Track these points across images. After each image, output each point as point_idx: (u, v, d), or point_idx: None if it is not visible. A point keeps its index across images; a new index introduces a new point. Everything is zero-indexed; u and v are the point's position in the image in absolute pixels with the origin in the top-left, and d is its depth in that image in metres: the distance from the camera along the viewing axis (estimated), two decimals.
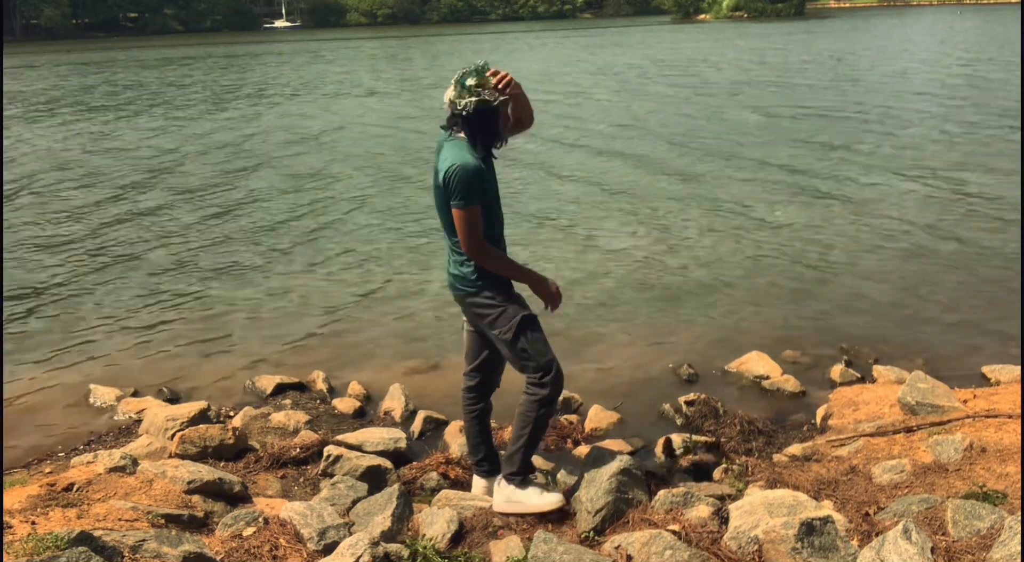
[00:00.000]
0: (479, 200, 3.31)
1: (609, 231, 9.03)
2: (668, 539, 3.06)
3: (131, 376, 5.72)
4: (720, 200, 10.20)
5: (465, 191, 3.26)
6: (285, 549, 3.23)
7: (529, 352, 3.45)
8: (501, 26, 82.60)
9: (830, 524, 3.07)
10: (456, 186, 3.26)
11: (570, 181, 11.59)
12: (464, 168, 3.25)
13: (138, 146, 15.92)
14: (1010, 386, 4.79)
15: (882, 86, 21.60)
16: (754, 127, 15.77)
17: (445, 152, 3.37)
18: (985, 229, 8.59)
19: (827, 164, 12.08)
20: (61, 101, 24.57)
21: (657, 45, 43.36)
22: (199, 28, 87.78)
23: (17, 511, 3.29)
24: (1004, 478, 3.49)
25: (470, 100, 3.28)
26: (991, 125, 14.86)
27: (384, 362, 5.90)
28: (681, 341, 6.09)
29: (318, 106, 21.68)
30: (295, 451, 4.35)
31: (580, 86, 24.47)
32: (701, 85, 23.63)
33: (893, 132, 14.54)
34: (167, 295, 7.38)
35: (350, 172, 12.73)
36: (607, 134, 15.55)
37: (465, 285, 3.47)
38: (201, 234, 9.42)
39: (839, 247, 8.18)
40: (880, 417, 4.51)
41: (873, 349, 5.76)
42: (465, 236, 3.33)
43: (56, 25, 79.37)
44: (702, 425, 4.75)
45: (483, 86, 3.28)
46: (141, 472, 3.78)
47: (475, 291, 3.45)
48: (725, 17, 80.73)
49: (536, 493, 3.54)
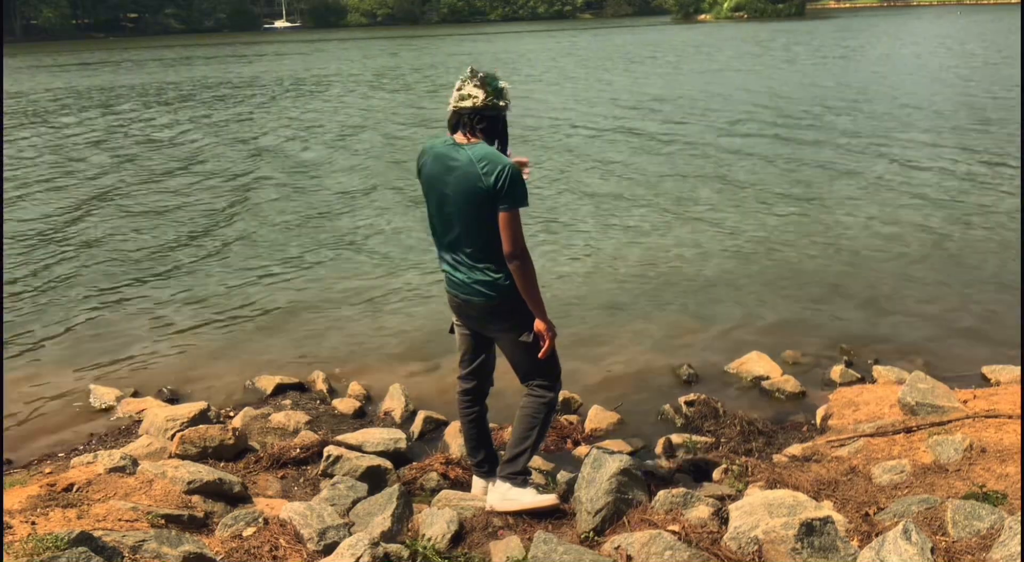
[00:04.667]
0: (527, 201, 3.29)
1: (609, 231, 9.03)
2: (668, 539, 3.05)
3: (131, 376, 5.73)
4: (720, 200, 10.20)
5: (521, 191, 3.23)
6: (285, 549, 3.22)
7: (549, 361, 3.45)
8: (500, 26, 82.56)
9: (830, 524, 3.07)
10: (510, 187, 3.19)
11: (570, 180, 11.60)
12: (515, 168, 3.23)
13: (138, 148, 15.93)
14: (1010, 386, 4.78)
15: (884, 84, 21.60)
16: (755, 127, 15.78)
17: (480, 155, 3.24)
18: (985, 229, 8.59)
19: (827, 164, 12.08)
20: (60, 102, 24.58)
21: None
22: (199, 28, 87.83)
23: (17, 511, 3.29)
24: (1004, 478, 3.49)
25: (507, 101, 3.31)
26: (992, 128, 14.86)
27: (384, 362, 5.90)
28: (681, 341, 6.09)
29: (320, 106, 21.69)
30: (295, 451, 4.35)
31: (582, 84, 24.47)
32: (699, 85, 23.63)
33: (895, 132, 14.54)
34: (167, 296, 7.38)
35: (350, 172, 12.74)
36: (607, 133, 15.56)
37: (495, 291, 3.36)
38: (200, 235, 9.42)
39: (839, 247, 8.18)
40: (880, 417, 4.51)
41: (873, 349, 5.76)
42: (514, 237, 3.24)
43: (56, 26, 79.37)
44: (702, 425, 4.75)
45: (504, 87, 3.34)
46: (141, 472, 3.78)
47: (504, 298, 3.36)
48: (725, 17, 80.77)
49: (532, 492, 3.54)
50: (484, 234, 3.31)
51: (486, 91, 3.26)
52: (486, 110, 3.27)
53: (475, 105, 3.27)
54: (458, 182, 3.28)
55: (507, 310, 3.40)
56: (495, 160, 3.23)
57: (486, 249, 3.34)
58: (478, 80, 3.28)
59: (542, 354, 3.40)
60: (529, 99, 20.98)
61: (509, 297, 3.37)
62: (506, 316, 3.42)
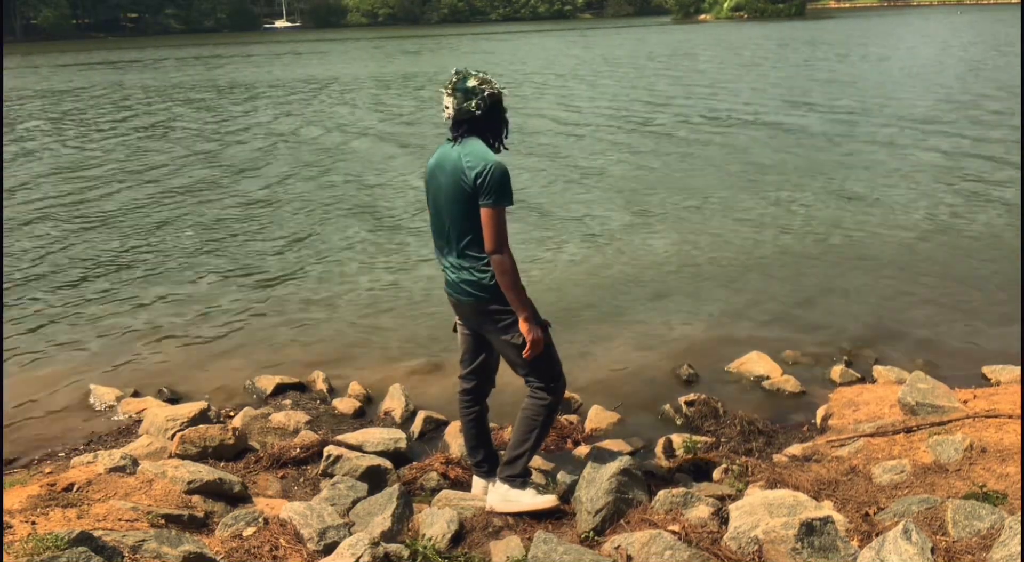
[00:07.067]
0: (511, 200, 3.31)
1: (608, 230, 9.03)
2: (668, 539, 3.05)
3: (131, 376, 5.72)
4: (719, 200, 10.20)
5: (503, 190, 3.27)
6: (285, 549, 3.22)
7: (541, 360, 3.44)
8: (500, 26, 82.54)
9: (830, 524, 3.07)
10: (493, 184, 3.24)
11: (570, 180, 11.60)
12: (501, 166, 3.27)
13: (139, 147, 15.93)
14: (1010, 386, 4.78)
15: (885, 84, 21.60)
16: (756, 127, 15.78)
17: (468, 151, 3.32)
18: (985, 229, 8.58)
19: (826, 165, 12.08)
20: (58, 105, 24.57)
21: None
22: (199, 28, 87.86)
23: (17, 511, 3.29)
24: (1004, 478, 3.49)
25: (481, 98, 3.32)
26: (995, 126, 14.86)
27: (384, 362, 5.89)
28: (681, 341, 6.09)
29: (321, 106, 21.68)
30: (295, 451, 4.35)
31: (573, 77, 24.47)
32: (699, 87, 23.63)
33: (898, 133, 14.54)
34: (167, 296, 7.38)
35: (349, 174, 12.73)
36: (608, 132, 15.57)
37: (480, 291, 3.40)
38: (199, 235, 9.42)
39: (839, 247, 8.18)
40: (880, 417, 4.51)
41: (873, 349, 5.76)
42: (496, 235, 3.28)
43: (56, 26, 79.40)
44: (702, 425, 4.75)
45: (485, 82, 3.36)
46: (141, 472, 3.78)
47: (490, 297, 3.39)
48: (726, 17, 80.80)
49: (532, 493, 3.54)
50: (470, 233, 3.36)
51: (456, 97, 3.33)
52: (460, 116, 3.35)
53: (449, 115, 3.37)
54: (447, 180, 3.36)
55: (496, 310, 3.41)
56: (480, 157, 3.29)
57: (472, 248, 3.38)
58: (450, 86, 3.35)
59: (526, 353, 3.40)
60: (543, 97, 20.99)
61: (496, 297, 3.38)
62: (495, 316, 3.43)
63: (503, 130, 3.47)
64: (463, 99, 3.32)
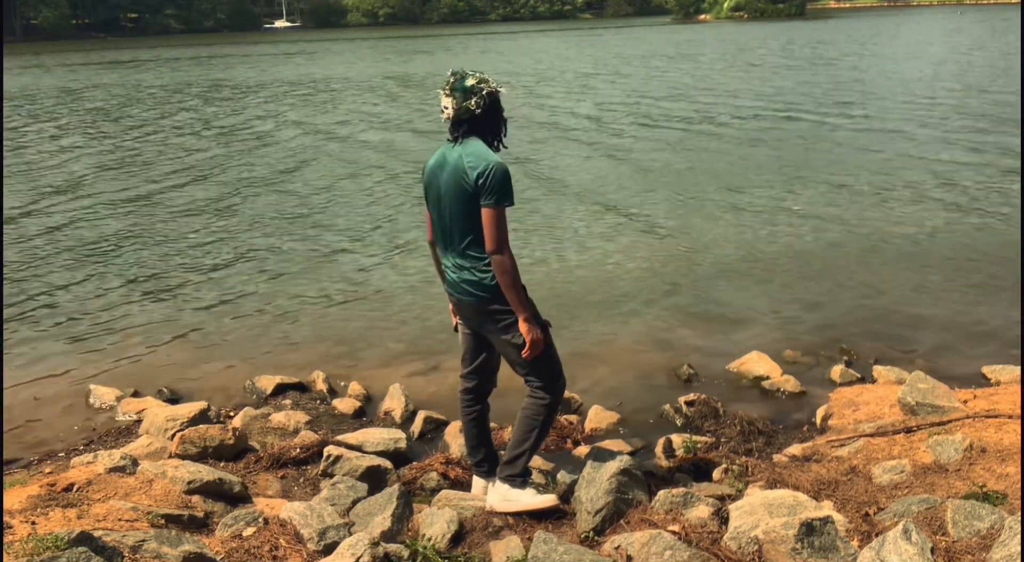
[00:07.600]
0: (513, 200, 3.32)
1: (608, 230, 9.03)
2: (668, 539, 3.05)
3: (131, 376, 5.72)
4: (719, 200, 10.20)
5: (504, 190, 3.27)
6: (285, 549, 3.23)
7: (541, 360, 3.44)
8: (500, 26, 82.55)
9: (830, 524, 3.07)
10: (494, 184, 3.24)
11: (569, 180, 11.60)
12: (502, 166, 3.27)
13: (137, 148, 15.93)
14: (1010, 386, 4.78)
15: (886, 84, 21.61)
16: (758, 127, 15.78)
17: (469, 151, 3.32)
18: (985, 230, 8.59)
19: (826, 165, 12.07)
20: (59, 100, 24.58)
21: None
22: (199, 28, 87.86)
23: (17, 511, 3.29)
24: (1004, 478, 3.49)
25: (480, 96, 3.32)
26: (994, 126, 14.86)
27: (384, 362, 5.90)
28: (681, 341, 6.09)
29: (326, 107, 21.68)
30: (295, 451, 4.35)
31: (573, 83, 24.47)
32: (695, 89, 23.63)
33: (900, 135, 14.53)
34: (167, 296, 7.38)
35: (350, 174, 12.73)
36: (607, 133, 15.56)
37: (481, 291, 3.40)
38: (199, 236, 9.42)
39: (839, 247, 8.17)
40: (880, 417, 4.51)
41: (873, 349, 5.76)
42: (496, 235, 3.28)
43: (56, 26, 79.41)
44: (702, 425, 4.75)
45: (483, 81, 3.36)
46: (141, 472, 3.78)
47: (491, 297, 3.39)
48: (726, 17, 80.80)
49: (532, 493, 3.55)
50: (471, 233, 3.36)
51: (454, 98, 3.33)
52: (459, 115, 3.35)
53: (448, 116, 3.37)
54: (448, 180, 3.36)
55: (496, 310, 3.42)
56: (481, 157, 3.29)
57: (473, 248, 3.38)
58: (448, 88, 3.35)
59: (525, 353, 3.40)
60: (541, 95, 21.00)
61: (497, 297, 3.38)
62: (496, 316, 3.43)
63: (502, 129, 3.48)
64: (462, 99, 3.32)
